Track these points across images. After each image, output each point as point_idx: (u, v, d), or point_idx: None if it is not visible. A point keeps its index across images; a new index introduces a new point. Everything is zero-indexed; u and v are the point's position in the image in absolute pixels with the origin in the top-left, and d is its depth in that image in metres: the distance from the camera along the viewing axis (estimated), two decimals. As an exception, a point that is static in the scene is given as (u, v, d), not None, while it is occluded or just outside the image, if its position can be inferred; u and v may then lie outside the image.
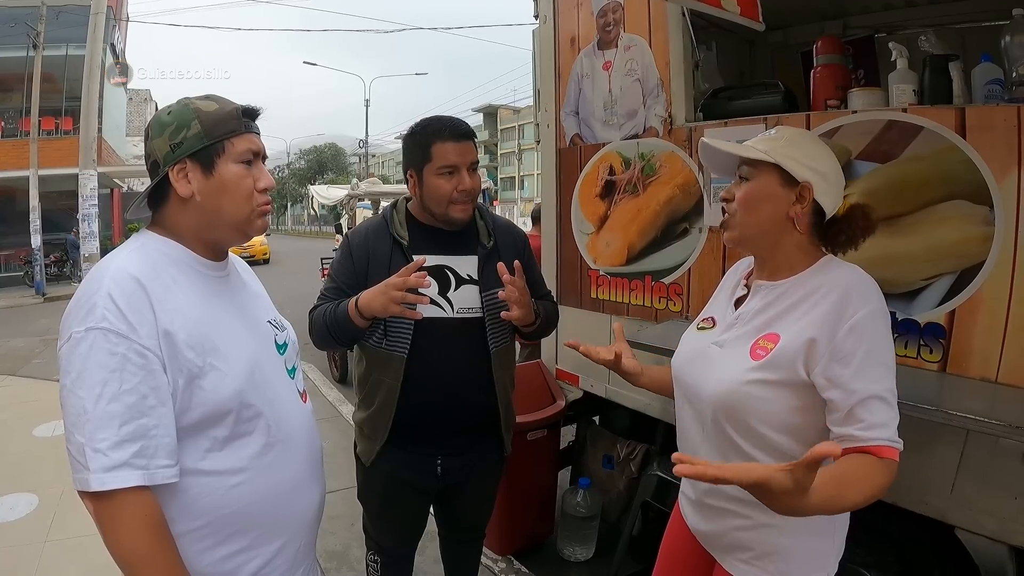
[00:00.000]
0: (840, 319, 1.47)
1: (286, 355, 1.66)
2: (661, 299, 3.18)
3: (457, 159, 2.24)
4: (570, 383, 3.81)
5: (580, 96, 3.59)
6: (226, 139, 1.46)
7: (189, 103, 1.47)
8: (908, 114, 2.22)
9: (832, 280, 1.55)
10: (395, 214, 2.38)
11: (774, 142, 1.62)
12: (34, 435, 5.97)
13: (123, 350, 1.28)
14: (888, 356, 1.49)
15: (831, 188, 1.60)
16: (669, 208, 3.10)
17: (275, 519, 1.52)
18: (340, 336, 2.26)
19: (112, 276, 1.34)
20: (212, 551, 1.42)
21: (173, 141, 1.43)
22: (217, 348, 1.42)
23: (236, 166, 1.47)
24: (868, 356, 1.45)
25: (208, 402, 1.38)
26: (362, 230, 2.41)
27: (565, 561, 3.77)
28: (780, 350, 1.53)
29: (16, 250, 21.35)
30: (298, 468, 1.58)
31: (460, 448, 2.42)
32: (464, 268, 2.35)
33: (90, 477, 1.24)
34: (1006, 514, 1.95)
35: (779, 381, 1.52)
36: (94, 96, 10.76)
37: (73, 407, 1.27)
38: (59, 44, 20.31)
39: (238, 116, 1.49)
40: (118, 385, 1.26)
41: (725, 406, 1.58)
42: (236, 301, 1.59)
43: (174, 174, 1.44)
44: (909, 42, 2.49)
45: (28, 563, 3.72)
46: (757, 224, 1.63)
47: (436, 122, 2.29)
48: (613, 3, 3.32)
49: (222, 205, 1.47)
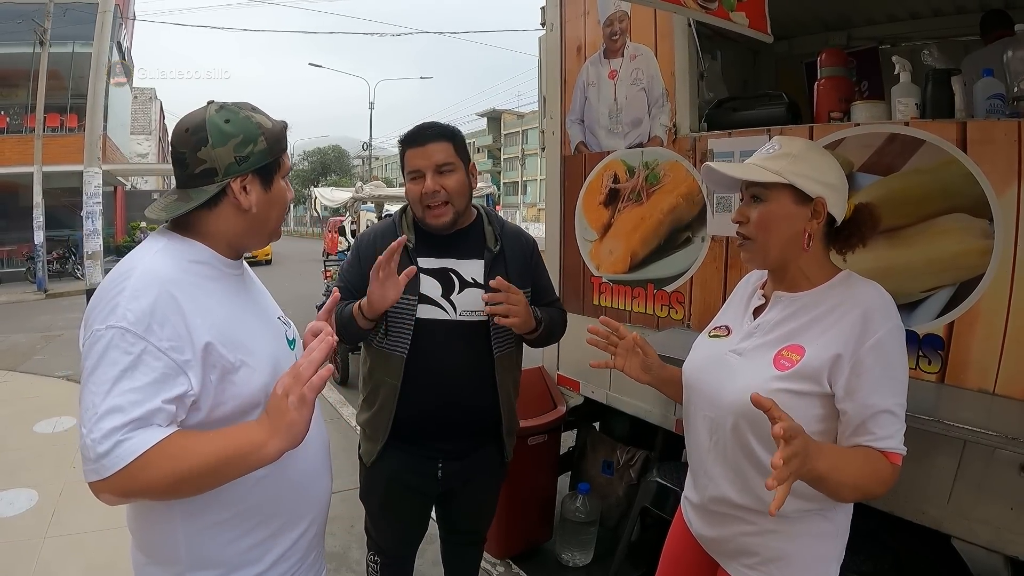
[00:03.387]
0: (864, 336, 1.51)
1: (296, 350, 1.70)
2: (663, 307, 3.20)
3: (420, 163, 2.26)
4: (571, 389, 3.83)
5: (585, 104, 3.61)
6: (282, 155, 1.55)
7: (250, 116, 1.50)
8: (910, 127, 2.25)
9: (855, 297, 1.58)
10: (403, 218, 2.40)
11: (782, 160, 1.63)
12: (34, 431, 5.99)
13: (138, 350, 1.29)
14: (903, 372, 1.54)
15: (841, 197, 1.63)
16: (672, 217, 3.12)
17: (295, 507, 1.58)
18: (344, 334, 2.29)
19: (139, 276, 1.36)
20: (238, 542, 1.47)
21: (239, 154, 1.46)
22: (244, 344, 1.47)
23: (283, 181, 1.57)
24: (885, 372, 1.51)
25: (239, 395, 1.43)
26: (371, 233, 2.45)
27: (563, 566, 3.77)
28: (806, 362, 1.56)
29: (19, 246, 21.36)
30: (313, 457, 1.63)
31: (460, 452, 2.42)
32: (469, 271, 2.35)
33: (97, 466, 1.24)
34: (1002, 524, 1.97)
35: (804, 392, 1.56)
36: (100, 94, 10.73)
37: (85, 401, 1.29)
38: (66, 41, 20.33)
39: (286, 132, 1.57)
40: (129, 383, 1.27)
41: (750, 414, 1.56)
42: (251, 299, 1.64)
43: (236, 186, 1.47)
44: (912, 55, 2.51)
45: (27, 559, 3.72)
46: (778, 244, 1.64)
47: (410, 130, 2.33)
48: (619, 12, 3.34)
49: (270, 216, 1.56)
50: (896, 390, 1.52)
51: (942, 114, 2.26)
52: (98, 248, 10.27)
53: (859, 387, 1.50)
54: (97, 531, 3.94)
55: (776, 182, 1.60)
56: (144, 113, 39.73)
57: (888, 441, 1.49)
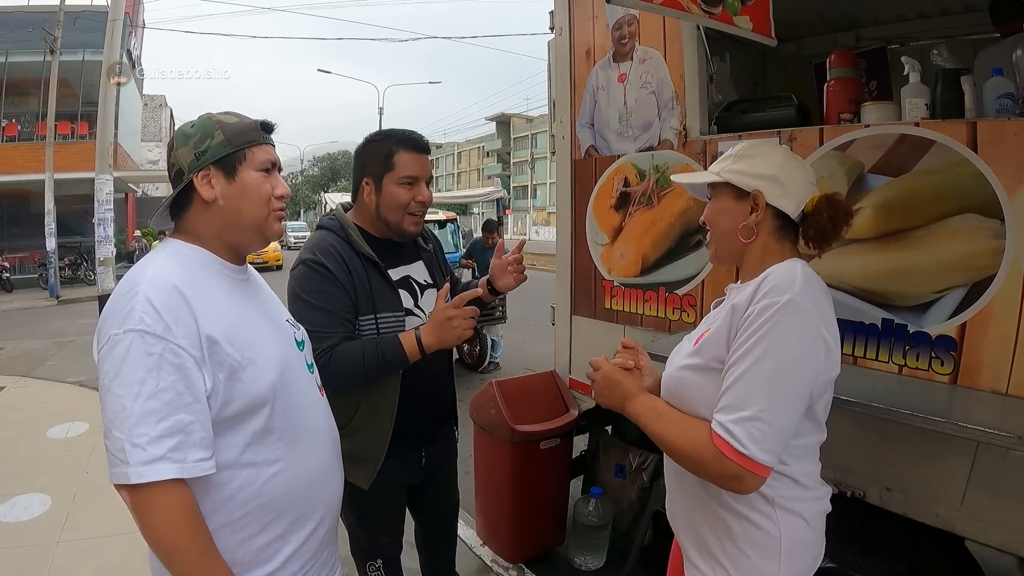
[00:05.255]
0: (748, 304, 1.51)
1: (304, 352, 1.76)
2: (675, 310, 3.20)
3: (418, 171, 2.28)
4: (583, 393, 3.83)
5: (595, 108, 3.62)
6: (247, 148, 1.58)
7: (211, 116, 1.60)
8: (920, 128, 2.25)
9: (764, 273, 1.56)
10: (350, 231, 2.29)
11: (726, 161, 1.69)
12: (47, 436, 6.03)
13: (159, 350, 1.34)
14: (780, 354, 1.44)
15: (786, 190, 1.61)
16: (683, 220, 3.13)
17: (307, 506, 1.61)
18: (380, 375, 2.20)
19: (149, 281, 1.41)
20: (251, 541, 1.50)
21: (198, 150, 1.54)
22: (252, 345, 1.51)
23: (256, 173, 1.58)
24: (756, 345, 1.45)
25: (247, 393, 1.47)
26: (330, 253, 2.23)
27: (576, 570, 3.77)
28: (707, 338, 1.61)
29: (31, 252, 21.52)
30: (324, 456, 1.69)
31: (435, 435, 2.55)
32: (420, 275, 2.44)
33: (129, 471, 1.29)
34: (1015, 525, 1.97)
35: (704, 367, 1.58)
36: (110, 101, 10.80)
37: (112, 405, 1.32)
38: (76, 49, 20.50)
39: (257, 128, 1.62)
40: (155, 383, 1.32)
41: (667, 391, 1.68)
42: (258, 302, 1.69)
43: (199, 180, 1.53)
44: (922, 54, 2.51)
45: (40, 563, 3.75)
46: (721, 238, 1.70)
47: (399, 132, 2.33)
48: (628, 16, 3.35)
49: (243, 208, 1.58)
50: (760, 372, 1.44)
51: (952, 114, 2.26)
52: (110, 254, 10.32)
53: (731, 355, 1.50)
54: (110, 535, 3.97)
55: (716, 181, 1.69)
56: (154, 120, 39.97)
57: (720, 414, 1.46)
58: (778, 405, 1.43)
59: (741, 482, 1.45)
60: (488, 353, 8.86)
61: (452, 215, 15.57)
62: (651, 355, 2.65)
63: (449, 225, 15.22)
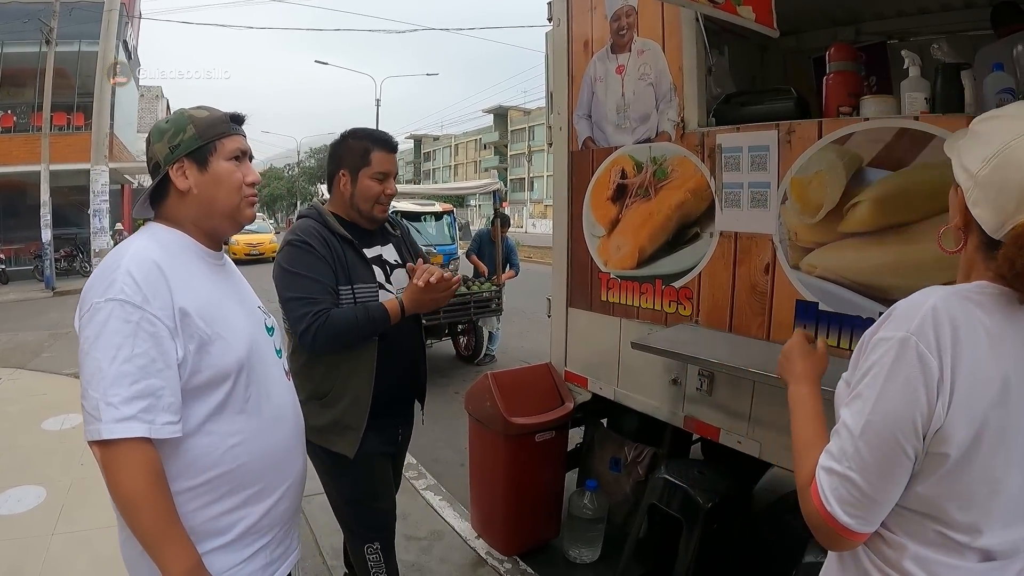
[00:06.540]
0: (873, 332, 1.27)
1: (274, 337, 1.87)
2: (671, 303, 3.19)
3: (389, 168, 2.63)
4: (579, 385, 3.83)
5: (593, 99, 3.60)
6: (217, 139, 1.69)
7: (184, 112, 1.73)
8: (920, 122, 2.23)
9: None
10: (327, 217, 2.59)
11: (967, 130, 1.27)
12: (43, 428, 6.01)
13: (136, 319, 1.46)
14: (881, 404, 1.17)
15: (988, 195, 1.16)
16: (680, 212, 3.11)
17: (266, 480, 1.70)
18: (367, 332, 2.48)
19: (131, 256, 1.53)
20: (208, 508, 1.59)
21: (172, 143, 1.66)
22: (222, 321, 1.63)
23: (227, 162, 1.70)
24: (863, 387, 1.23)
25: (215, 366, 1.58)
26: (311, 233, 2.51)
27: (571, 563, 3.77)
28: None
29: (26, 244, 21.44)
30: (287, 435, 1.80)
31: (407, 412, 2.84)
32: (390, 255, 2.72)
33: (101, 427, 1.40)
34: None
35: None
36: (106, 92, 10.78)
37: (90, 367, 1.44)
38: (72, 40, 20.36)
39: (227, 120, 1.73)
40: (131, 349, 1.44)
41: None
42: (231, 286, 1.82)
43: (173, 172, 1.66)
44: (921, 49, 2.49)
45: (35, 555, 3.74)
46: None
47: (374, 133, 2.66)
48: (627, 7, 3.33)
49: (216, 196, 1.69)
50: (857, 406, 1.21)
51: (952, 109, 2.25)
52: (106, 246, 10.35)
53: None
54: (105, 527, 3.95)
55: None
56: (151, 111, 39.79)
57: (823, 455, 1.24)
58: (870, 465, 1.16)
59: (827, 537, 1.22)
60: (484, 345, 8.90)
61: (449, 207, 15.54)
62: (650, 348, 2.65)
63: (446, 217, 15.20)
